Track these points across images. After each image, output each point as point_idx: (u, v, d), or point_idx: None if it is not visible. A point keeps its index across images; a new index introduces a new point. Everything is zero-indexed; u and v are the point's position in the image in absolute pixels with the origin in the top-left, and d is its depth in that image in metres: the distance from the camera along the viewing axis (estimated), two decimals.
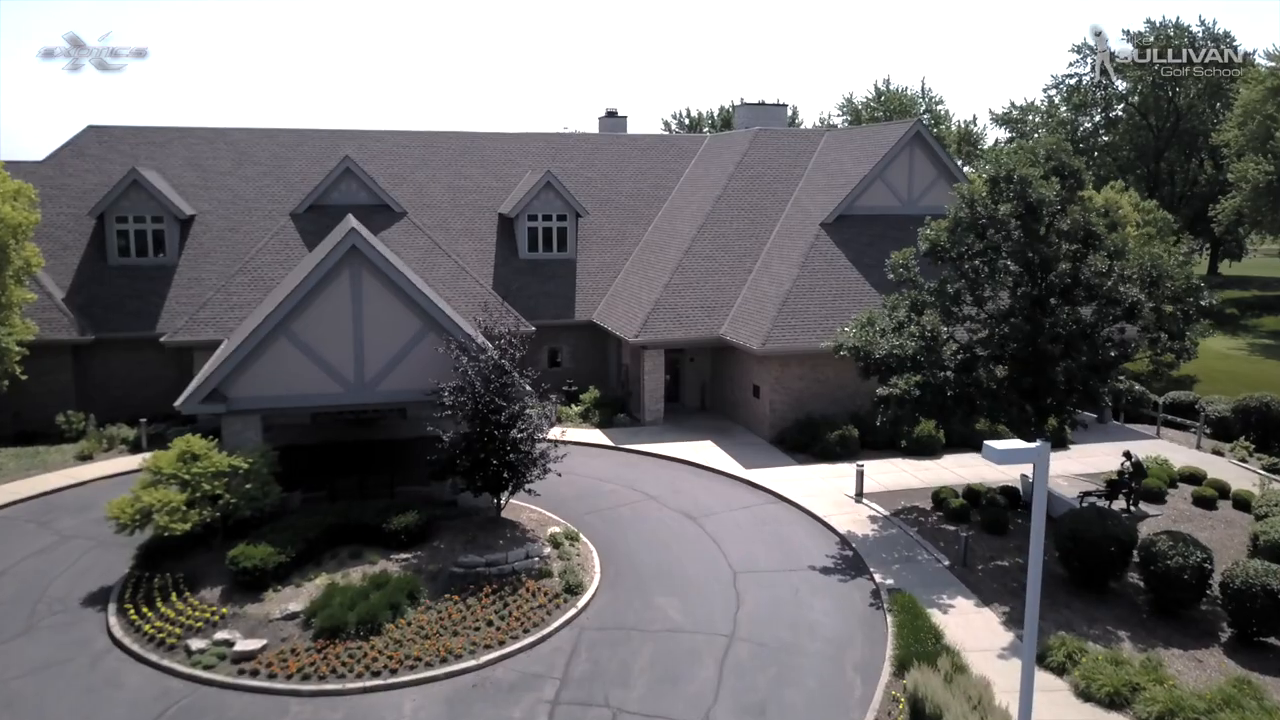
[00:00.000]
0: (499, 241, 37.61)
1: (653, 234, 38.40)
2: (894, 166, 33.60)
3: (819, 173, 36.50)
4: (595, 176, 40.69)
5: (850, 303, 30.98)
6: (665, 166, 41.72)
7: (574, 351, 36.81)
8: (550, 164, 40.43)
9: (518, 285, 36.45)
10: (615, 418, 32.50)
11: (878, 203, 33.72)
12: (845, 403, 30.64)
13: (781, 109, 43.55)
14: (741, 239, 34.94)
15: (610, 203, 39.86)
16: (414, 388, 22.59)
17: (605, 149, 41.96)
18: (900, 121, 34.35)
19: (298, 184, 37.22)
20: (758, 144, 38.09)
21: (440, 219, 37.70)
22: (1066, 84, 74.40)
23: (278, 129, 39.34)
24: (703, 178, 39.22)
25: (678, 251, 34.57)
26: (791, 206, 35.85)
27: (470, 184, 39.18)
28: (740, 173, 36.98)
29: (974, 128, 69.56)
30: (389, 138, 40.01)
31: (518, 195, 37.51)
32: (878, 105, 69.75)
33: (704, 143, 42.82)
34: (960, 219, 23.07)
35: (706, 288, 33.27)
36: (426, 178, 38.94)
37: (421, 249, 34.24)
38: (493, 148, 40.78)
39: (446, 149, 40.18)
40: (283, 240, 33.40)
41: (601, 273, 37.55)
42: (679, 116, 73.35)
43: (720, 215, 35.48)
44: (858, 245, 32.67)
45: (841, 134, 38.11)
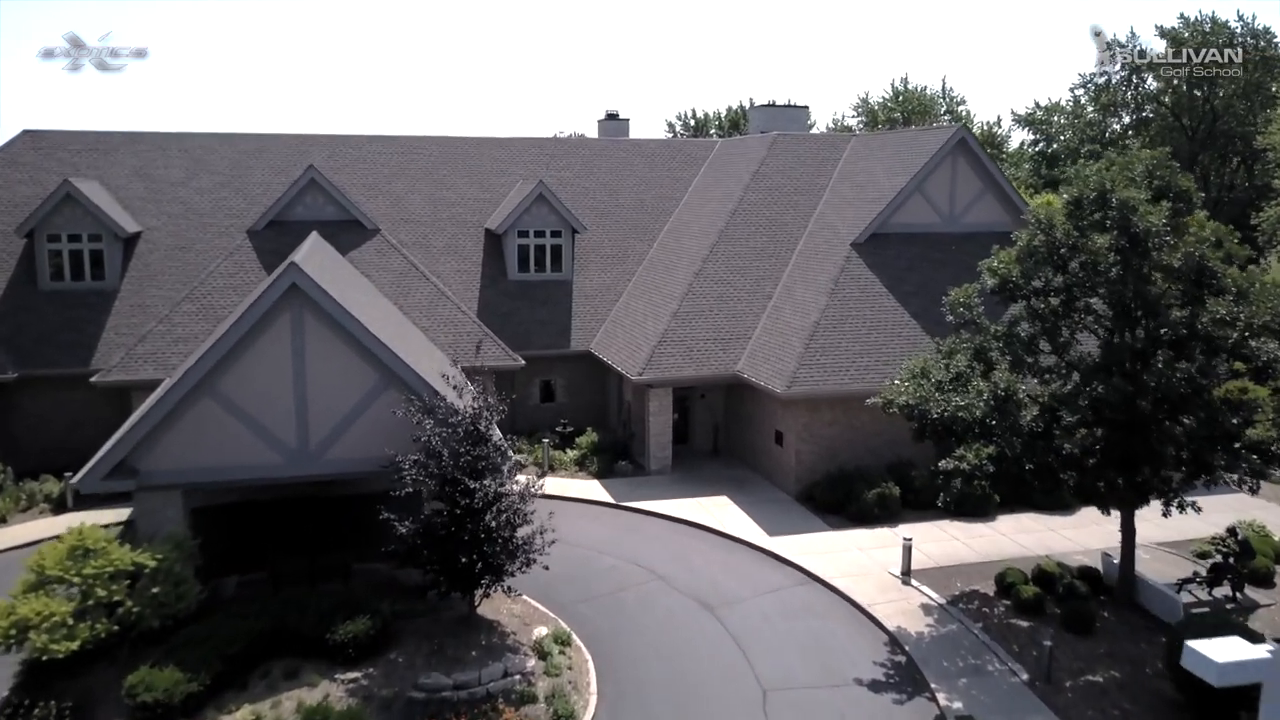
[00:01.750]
0: (486, 261, 33.50)
1: (658, 252, 34.29)
2: (934, 178, 29.48)
3: (845, 184, 32.37)
4: (594, 186, 36.58)
5: (887, 336, 26.86)
6: (672, 175, 37.61)
7: (569, 385, 32.71)
8: (544, 173, 36.33)
9: (506, 310, 32.35)
10: (616, 465, 28.39)
11: (916, 219, 29.59)
12: (882, 452, 26.53)
13: (801, 111, 39.43)
14: (759, 259, 30.82)
15: (611, 216, 35.76)
16: (370, 455, 18.49)
17: (605, 156, 37.85)
18: (940, 128, 30.27)
19: (259, 196, 33.13)
20: (776, 151, 33.96)
21: (419, 235, 33.60)
22: (1094, 83, 70.19)
23: (238, 134, 35.25)
24: (714, 188, 35.11)
25: (687, 274, 30.46)
26: (815, 222, 31.72)
27: (454, 195, 35.07)
28: (757, 183, 32.86)
29: (998, 130, 65.48)
30: (364, 144, 35.90)
31: (507, 209, 33.41)
32: (895, 106, 65.62)
33: (715, 148, 38.69)
34: (1034, 249, 18.97)
35: (720, 316, 29.15)
36: (405, 189, 34.83)
37: (396, 271, 30.15)
38: (480, 155, 36.66)
39: (428, 156, 36.07)
40: (237, 262, 29.31)
41: (601, 295, 33.45)
42: (684, 117, 69.21)
43: (735, 232, 31.37)
44: (894, 268, 28.55)
45: (870, 140, 33.98)
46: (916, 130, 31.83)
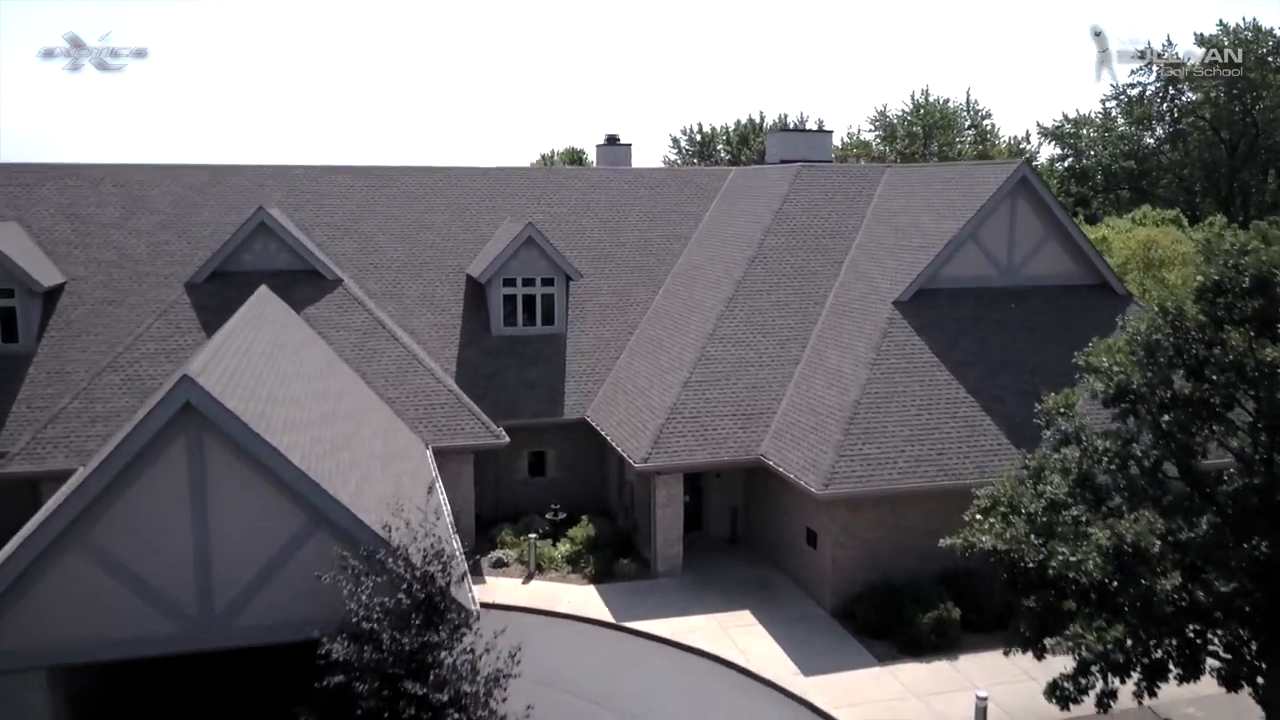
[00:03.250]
0: (467, 313, 29.13)
1: (664, 300, 29.92)
2: (990, 223, 25.10)
3: (882, 225, 27.99)
4: (591, 224, 32.22)
5: (940, 417, 22.49)
6: (680, 209, 33.24)
7: (562, 457, 28.34)
8: (535, 208, 31.98)
9: (490, 371, 27.98)
10: (616, 565, 23.99)
11: (967, 271, 25.22)
12: (935, 555, 22.01)
13: (824, 138, 34.99)
14: (783, 315, 26.44)
15: (611, 258, 31.39)
16: (296, 618, 14.14)
17: (604, 187, 33.48)
18: (997, 163, 25.94)
19: (205, 239, 28.78)
20: (800, 186, 29.58)
21: (391, 283, 29.23)
22: (1127, 94, 65.87)
23: (184, 165, 30.94)
24: (728, 227, 30.74)
25: (699, 333, 26.08)
26: (847, 271, 27.34)
27: (432, 236, 30.70)
28: (779, 224, 28.47)
29: (1026, 146, 61.10)
30: (329, 176, 31.52)
31: (491, 253, 29.04)
32: (916, 119, 61.28)
33: (728, 179, 34.31)
34: (1159, 346, 14.61)
35: (739, 386, 24.78)
36: (375, 228, 30.46)
37: (360, 330, 25.80)
38: (462, 188, 32.29)
39: (403, 190, 31.69)
40: (172, 322, 24.98)
41: (599, 352, 29.08)
42: (689, 132, 65.04)
43: (754, 283, 26.98)
44: (945, 331, 24.16)
45: (908, 174, 29.59)
46: (967, 165, 27.48)
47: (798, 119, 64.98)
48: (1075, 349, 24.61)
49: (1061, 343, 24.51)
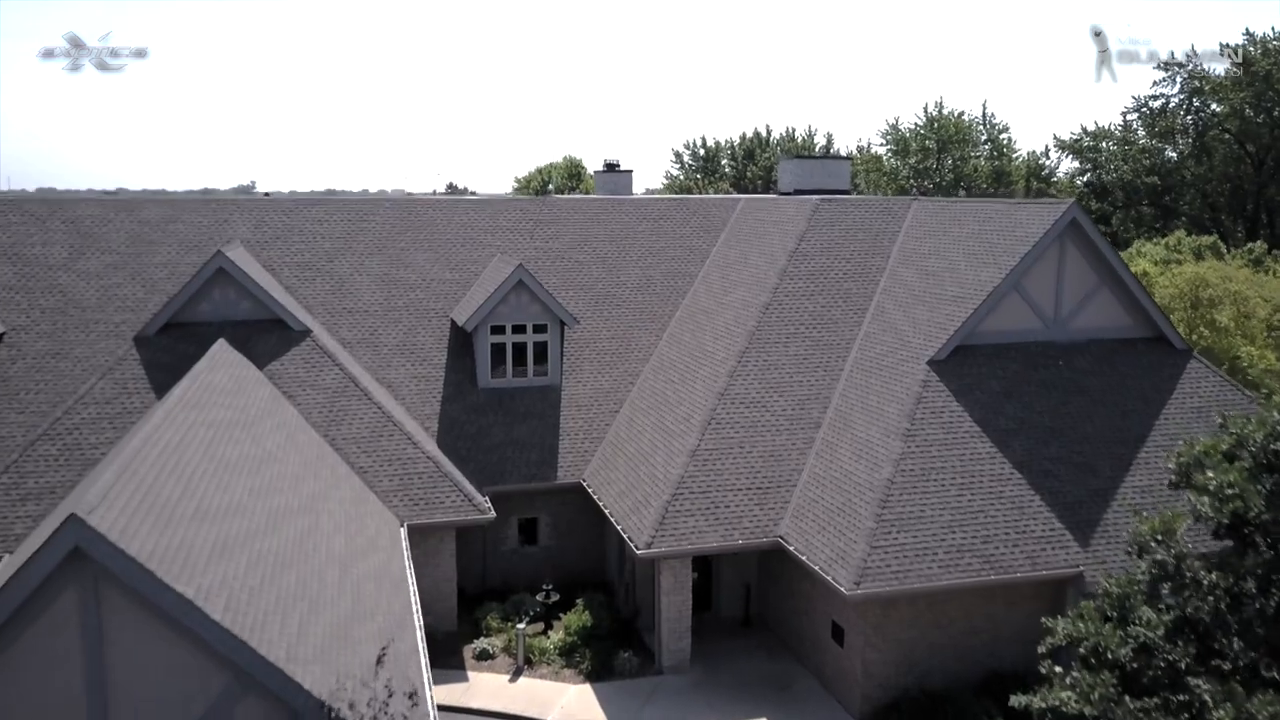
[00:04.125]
0: (451, 363, 26.42)
1: (669, 347, 27.22)
2: (1035, 270, 22.39)
3: (910, 268, 25.28)
4: (588, 260, 29.51)
5: (985, 497, 19.78)
6: (685, 243, 30.54)
7: (556, 524, 25.63)
8: (527, 244, 29.29)
9: (475, 430, 25.27)
10: (616, 659, 21.26)
11: (1010, 324, 22.50)
12: (977, 655, 19.50)
13: (842, 165, 32.21)
14: (802, 371, 23.73)
15: (610, 298, 28.68)
16: None
17: (603, 219, 30.78)
18: (1042, 203, 23.25)
19: (162, 282, 26.08)
20: (820, 222, 26.86)
21: (366, 330, 26.51)
22: (1149, 106, 63.14)
23: (142, 196, 28.31)
24: (739, 265, 28.03)
25: (709, 390, 23.37)
26: (873, 320, 24.62)
27: (413, 276, 27.97)
28: (796, 266, 25.76)
29: (1045, 162, 58.36)
30: (301, 208, 28.79)
31: (478, 297, 26.33)
32: (929, 133, 58.55)
33: (737, 209, 31.59)
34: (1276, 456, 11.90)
35: (754, 454, 22.07)
36: (350, 267, 27.73)
37: (328, 388, 23.08)
38: (447, 221, 29.57)
39: (381, 224, 28.96)
40: (118, 382, 22.28)
41: (597, 405, 26.38)
42: (692, 147, 62.30)
43: (770, 333, 24.28)
44: (987, 396, 21.45)
45: (937, 210, 26.86)
46: (1006, 203, 24.73)
47: (805, 133, 62.40)
48: (1132, 412, 22.31)
49: (1116, 406, 21.87)
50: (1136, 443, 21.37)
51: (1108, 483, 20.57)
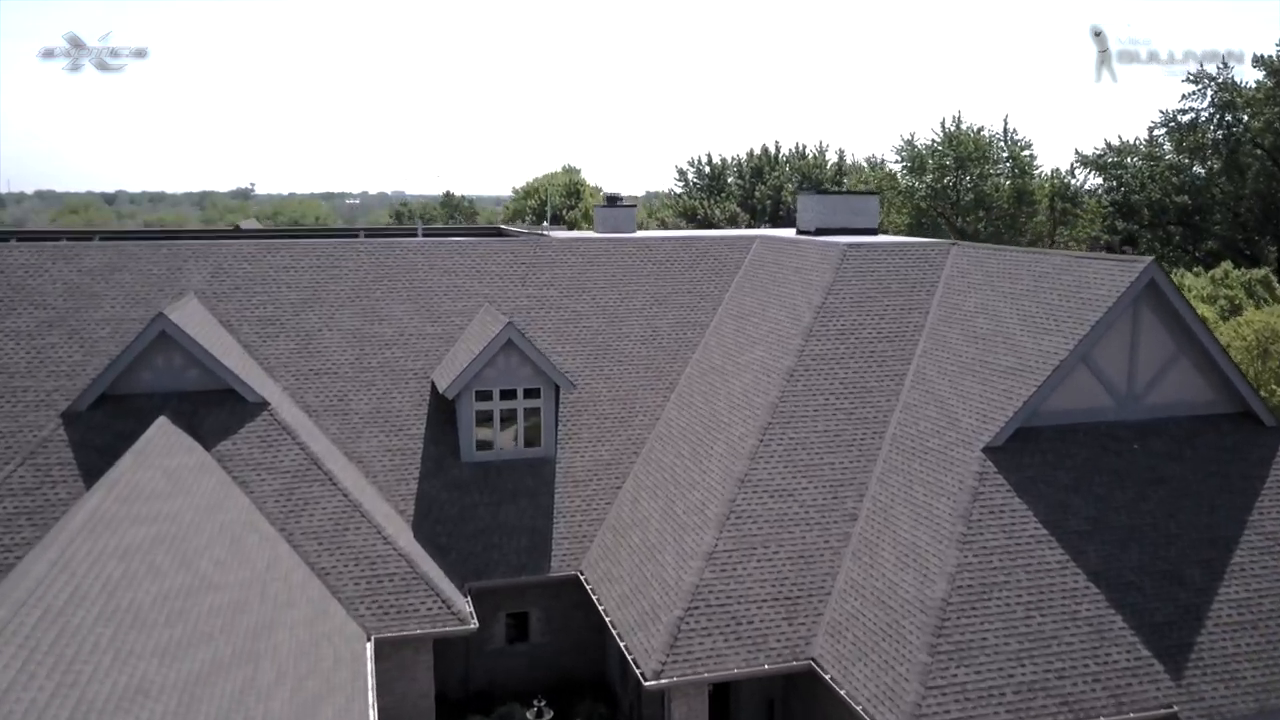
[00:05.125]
0: (430, 433, 23.32)
1: (678, 411, 24.13)
2: (1106, 339, 19.29)
3: (954, 328, 22.18)
4: (587, 309, 26.40)
5: (1058, 619, 16.67)
6: (694, 288, 27.45)
7: (549, 619, 22.54)
8: (518, 292, 26.20)
9: (457, 512, 22.18)
10: None
11: (1076, 402, 19.39)
12: None
13: (869, 201, 29.00)
14: (834, 451, 20.64)
15: (611, 354, 25.59)
16: None
17: (603, 261, 27.67)
18: (1110, 259, 20.12)
19: (103, 341, 22.99)
20: (848, 271, 23.76)
21: (335, 395, 23.41)
22: (1178, 121, 60.09)
23: (82, 238, 25.18)
24: (756, 317, 24.94)
25: (727, 475, 20.28)
26: (913, 389, 21.53)
27: (389, 331, 24.86)
28: (823, 324, 22.66)
29: (1071, 181, 55.20)
30: (263, 255, 25.63)
31: (461, 359, 23.23)
32: (947, 150, 55.48)
33: (751, 250, 28.48)
34: None
35: (781, 555, 18.97)
36: (319, 321, 24.62)
37: (287, 471, 20.00)
38: (429, 266, 26.45)
39: (355, 270, 25.83)
40: (41, 468, 19.20)
41: (597, 479, 23.31)
42: (697, 164, 59.14)
43: (796, 404, 21.19)
44: (1053, 490, 18.33)
45: (982, 258, 23.72)
46: (1065, 257, 21.57)
47: (816, 149, 59.40)
48: (1220, 505, 19.08)
49: (1202, 499, 18.78)
50: (1228, 544, 18.27)
51: (1198, 596, 17.48)
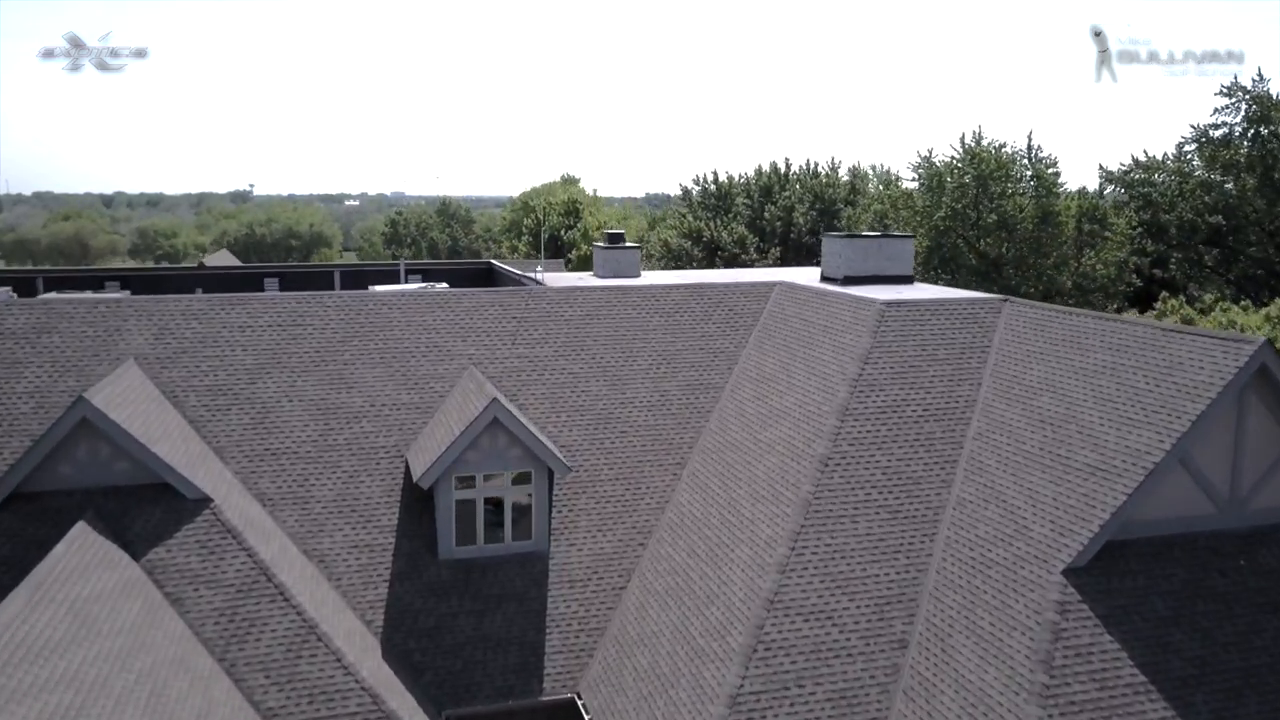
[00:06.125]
0: (404, 524, 20.16)
1: (692, 496, 20.98)
2: (1208, 435, 16.12)
3: (1013, 406, 19.00)
4: (586, 370, 23.25)
5: None
6: (706, 343, 24.30)
7: None
8: (507, 351, 23.04)
9: (434, 622, 19.01)
10: None
11: (1171, 509, 16.24)
12: None
13: (903, 245, 25.64)
14: (878, 559, 17.48)
15: (613, 423, 22.44)
16: None
17: (604, 314, 24.51)
18: (1206, 335, 16.94)
19: (26, 419, 19.79)
20: (887, 336, 20.61)
21: (293, 482, 20.24)
22: (1209, 136, 57.01)
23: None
24: (779, 384, 21.78)
25: (752, 592, 17.12)
26: (968, 481, 18.37)
27: (359, 401, 21.69)
28: (860, 400, 19.50)
29: (1100, 201, 51.95)
30: (216, 311, 22.39)
31: (440, 439, 20.06)
32: (967, 167, 52.33)
33: (770, 300, 25.31)
34: None
35: (819, 696, 15.80)
36: (278, 390, 21.45)
37: (230, 586, 16.84)
38: (406, 322, 23.27)
39: (321, 328, 22.65)
40: None
41: (597, 577, 20.17)
42: (702, 183, 55.94)
43: (832, 500, 18.03)
44: (1151, 627, 15.17)
45: (1044, 322, 20.52)
46: (1147, 328, 18.43)
47: (829, 165, 56.20)
48: None
49: None
50: None
51: None
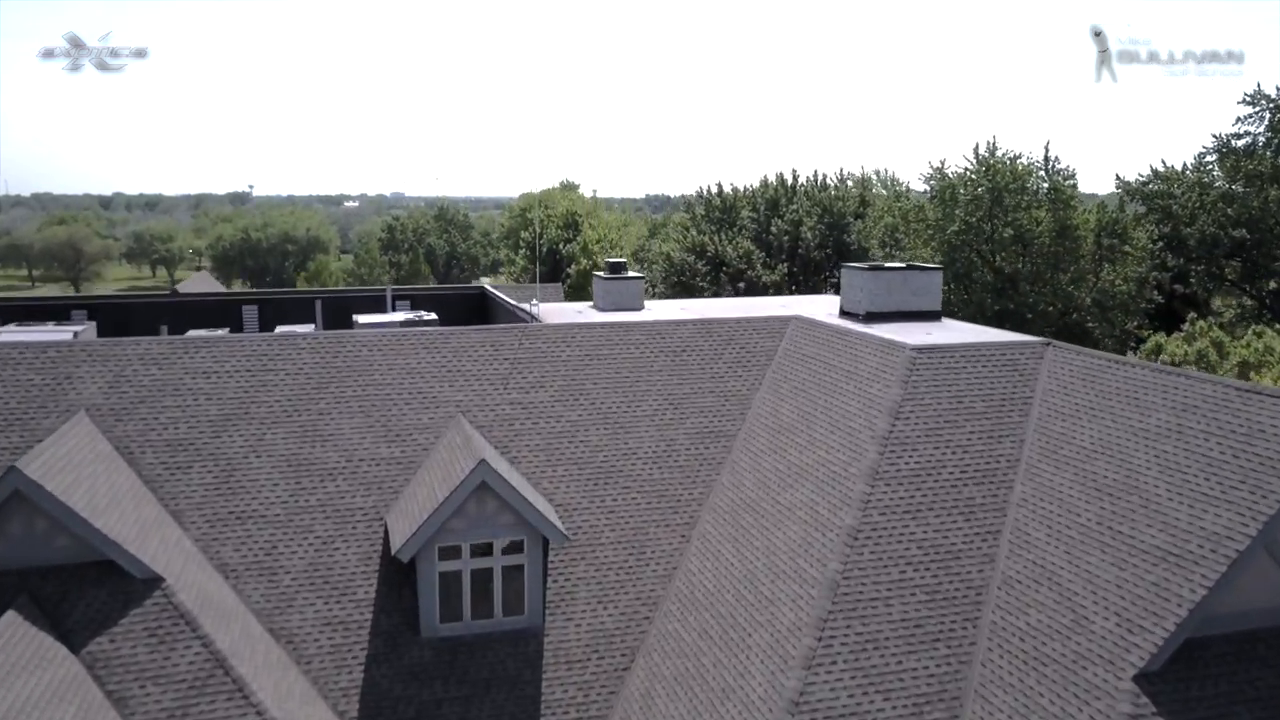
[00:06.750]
0: (383, 598, 18.12)
1: (703, 564, 18.96)
2: None
3: (1062, 470, 16.98)
4: (585, 418, 21.22)
5: None
6: (717, 385, 22.29)
7: None
8: (499, 396, 21.02)
9: (414, 713, 16.97)
10: None
11: (1254, 599, 14.23)
12: None
13: (933, 278, 23.63)
14: (916, 649, 15.46)
15: (615, 478, 20.41)
16: None
17: (604, 354, 22.50)
18: None
19: None
20: (919, 386, 18.60)
21: (259, 550, 18.20)
22: (1231, 146, 55.08)
23: None
24: (800, 436, 19.77)
25: (772, 691, 15.11)
26: (1014, 556, 16.34)
27: (334, 456, 19.65)
28: (892, 460, 17.49)
29: (1121, 216, 49.91)
30: (176, 357, 20.34)
31: (422, 503, 18.02)
32: (981, 179, 50.33)
33: (785, 335, 23.30)
34: None
35: None
36: (244, 445, 19.40)
37: (182, 681, 14.82)
38: (388, 365, 21.22)
39: (294, 374, 20.59)
40: None
41: (596, 657, 18.13)
42: (705, 195, 53.82)
43: (863, 579, 16.02)
44: None
45: (1090, 369, 18.49)
46: (1216, 385, 16.35)
47: (837, 176, 54.24)
48: None
49: None
50: None
51: None
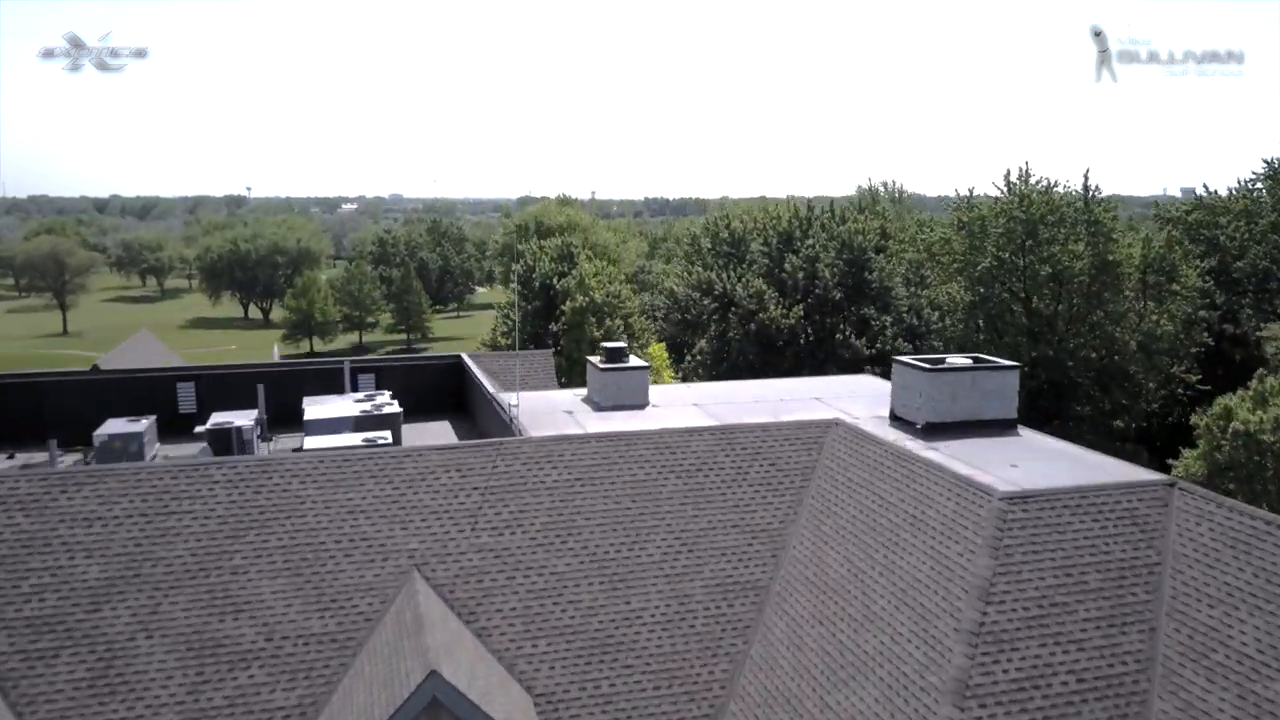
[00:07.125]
0: None
1: None
2: None
3: (1216, 688, 12.56)
4: (574, 567, 16.76)
5: None
6: (740, 518, 17.85)
7: None
8: (468, 538, 16.60)
9: None
10: None
11: None
12: None
13: (1008, 380, 19.11)
14: None
15: (612, 651, 15.97)
16: None
17: (601, 475, 18.07)
18: None
19: None
20: (1014, 549, 14.20)
21: None
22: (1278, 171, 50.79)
23: None
24: (853, 595, 15.35)
25: None
26: None
27: (246, 635, 15.16)
28: (984, 663, 13.09)
29: (1170, 253, 45.46)
30: (52, 495, 15.93)
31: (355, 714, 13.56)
32: (1015, 208, 45.89)
33: (823, 449, 18.88)
34: None
35: None
36: (131, 622, 14.88)
37: None
38: (324, 498, 16.74)
39: (200, 515, 16.09)
40: None
41: None
42: (713, 229, 49.29)
43: None
44: None
45: (1243, 530, 14.12)
46: None
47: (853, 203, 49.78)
48: None
49: None
50: None
51: None
